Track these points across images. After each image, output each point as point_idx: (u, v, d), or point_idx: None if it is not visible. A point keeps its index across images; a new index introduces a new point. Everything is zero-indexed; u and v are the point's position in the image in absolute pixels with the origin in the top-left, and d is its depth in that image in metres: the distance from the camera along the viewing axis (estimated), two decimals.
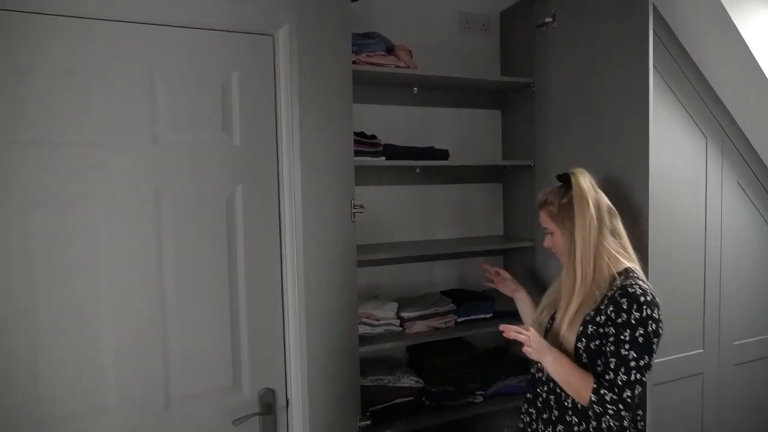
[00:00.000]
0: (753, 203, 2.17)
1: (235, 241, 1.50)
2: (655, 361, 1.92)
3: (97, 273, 1.36)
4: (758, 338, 2.23)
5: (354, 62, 1.80)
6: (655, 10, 1.91)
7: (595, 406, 1.29)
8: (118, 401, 1.39)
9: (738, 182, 2.13)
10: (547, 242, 1.49)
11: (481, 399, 2.09)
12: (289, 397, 1.56)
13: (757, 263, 2.22)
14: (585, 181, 1.42)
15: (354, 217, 1.59)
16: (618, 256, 1.39)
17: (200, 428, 1.48)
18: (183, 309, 1.45)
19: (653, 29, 1.93)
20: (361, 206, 1.61)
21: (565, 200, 1.43)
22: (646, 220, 1.58)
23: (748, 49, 1.81)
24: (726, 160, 2.09)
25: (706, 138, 2.04)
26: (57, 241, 1.32)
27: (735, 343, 2.16)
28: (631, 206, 1.63)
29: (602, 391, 1.27)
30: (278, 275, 1.55)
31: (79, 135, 1.34)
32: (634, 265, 1.40)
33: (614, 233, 1.42)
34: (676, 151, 1.98)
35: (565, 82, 1.93)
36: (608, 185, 1.72)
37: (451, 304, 2.07)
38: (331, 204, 1.48)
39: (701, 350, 2.07)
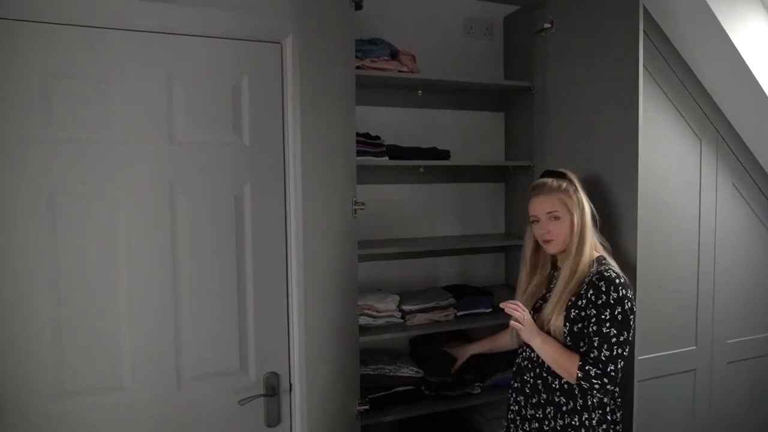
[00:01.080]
0: (748, 204, 2.21)
1: (244, 235, 1.62)
2: (648, 356, 2.00)
3: (117, 260, 1.49)
4: (752, 337, 2.26)
5: (359, 67, 1.90)
6: (649, 15, 1.97)
7: (582, 382, 1.40)
8: (135, 379, 1.52)
9: (733, 183, 2.17)
10: (550, 228, 1.53)
11: (479, 390, 2.16)
12: (291, 381, 1.66)
13: (752, 263, 2.26)
14: (575, 176, 1.59)
15: (355, 213, 1.68)
16: (597, 244, 1.54)
17: (209, 407, 1.60)
18: (194, 297, 1.57)
19: (646, 33, 2.01)
20: (363, 203, 1.70)
21: (573, 188, 1.55)
22: (635, 219, 1.64)
23: (740, 55, 1.86)
24: (721, 161, 2.14)
25: (700, 140, 2.08)
26: (80, 230, 1.46)
27: (728, 341, 2.20)
28: (622, 206, 1.70)
29: (587, 368, 1.39)
30: (284, 267, 1.66)
31: (102, 134, 1.47)
32: (605, 254, 1.55)
33: (596, 224, 1.56)
34: (670, 153, 2.03)
35: (561, 85, 2.00)
36: (599, 186, 1.79)
37: (451, 299, 2.15)
38: (332, 201, 1.58)
39: (694, 347, 2.12)
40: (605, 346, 1.39)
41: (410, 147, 2.09)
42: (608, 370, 1.38)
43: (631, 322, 1.42)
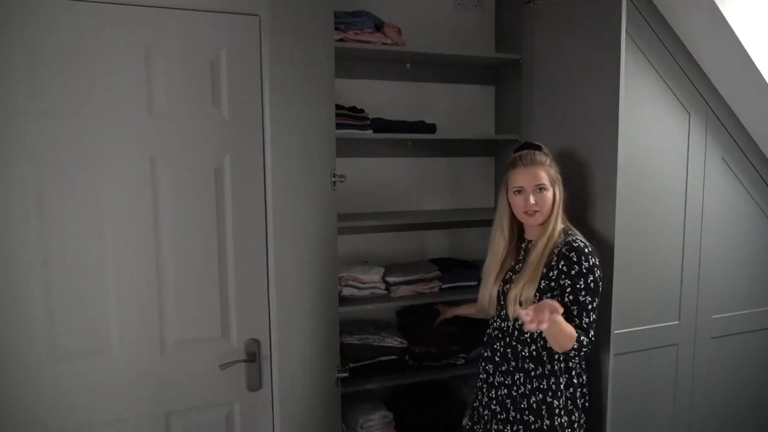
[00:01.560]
0: (738, 178, 2.18)
1: (224, 205, 1.66)
2: (626, 330, 2.02)
3: (102, 228, 1.54)
4: (738, 313, 2.25)
5: (342, 39, 1.91)
6: None
7: (573, 351, 1.44)
8: (121, 343, 1.58)
9: (723, 158, 2.13)
10: (537, 199, 1.54)
11: (463, 361, 2.21)
12: (271, 347, 1.72)
13: (741, 238, 2.23)
14: None
15: (335, 185, 1.71)
16: (563, 216, 1.59)
17: (192, 371, 1.66)
18: (176, 265, 1.61)
19: (635, 6, 1.97)
20: (342, 176, 1.72)
21: (553, 161, 1.60)
22: (614, 193, 1.64)
23: (731, 28, 1.81)
24: (710, 135, 2.10)
25: (689, 114, 2.05)
26: (67, 200, 1.50)
27: (714, 316, 2.20)
28: (602, 179, 1.70)
29: (581, 338, 1.45)
30: (263, 237, 1.70)
31: (84, 106, 1.50)
32: (570, 224, 1.60)
33: None
34: (656, 126, 2.00)
35: (548, 58, 1.98)
36: (582, 158, 1.79)
37: (437, 271, 2.18)
38: (309, 173, 1.60)
39: (677, 322, 2.13)
40: (584, 314, 1.46)
41: (396, 120, 2.10)
42: (590, 336, 1.46)
43: (600, 288, 1.49)
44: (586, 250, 1.48)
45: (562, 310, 1.35)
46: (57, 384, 1.53)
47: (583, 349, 1.45)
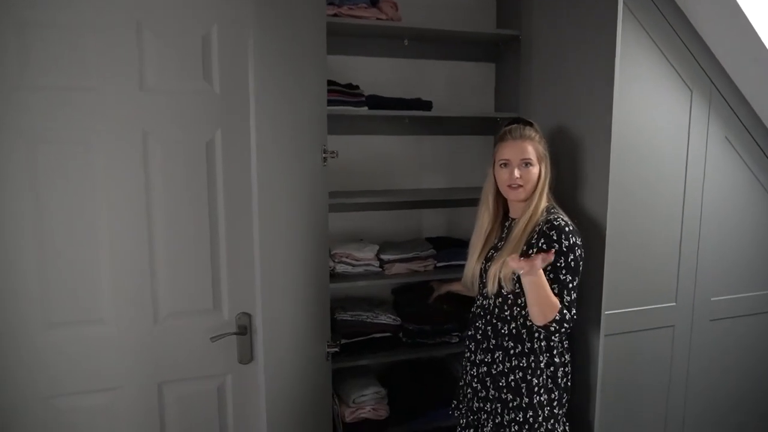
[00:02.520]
0: (742, 158, 2.12)
1: (215, 179, 1.67)
2: (620, 311, 2.00)
3: (95, 202, 1.57)
4: (738, 295, 2.21)
5: (336, 15, 1.89)
6: None
7: (554, 325, 1.42)
8: (114, 313, 1.62)
9: (726, 137, 2.07)
10: (522, 173, 1.53)
11: (457, 339, 2.22)
12: (254, 320, 1.74)
13: (743, 219, 2.18)
14: None
15: (325, 162, 1.71)
16: (548, 194, 1.58)
17: (184, 342, 1.69)
18: (168, 238, 1.64)
19: None
20: (334, 152, 1.72)
21: (542, 138, 1.59)
22: (607, 171, 1.62)
23: (735, 1, 1.75)
24: (714, 113, 2.04)
25: (691, 91, 1.99)
26: (59, 174, 1.53)
27: (713, 298, 2.16)
28: (596, 157, 1.67)
29: (564, 311, 1.44)
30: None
31: (76, 81, 1.52)
32: (554, 202, 1.59)
33: None
34: (656, 104, 1.94)
35: (547, 33, 1.94)
36: (577, 137, 1.76)
37: (432, 249, 2.18)
38: (297, 148, 1.61)
39: (674, 303, 2.10)
40: (565, 292, 1.45)
41: (391, 97, 2.09)
42: (572, 313, 1.46)
43: (581, 268, 1.48)
44: (567, 228, 1.47)
45: (552, 257, 1.35)
46: (50, 351, 1.57)
47: (565, 324, 1.44)
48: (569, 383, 1.60)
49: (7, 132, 1.47)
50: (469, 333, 1.69)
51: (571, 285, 1.46)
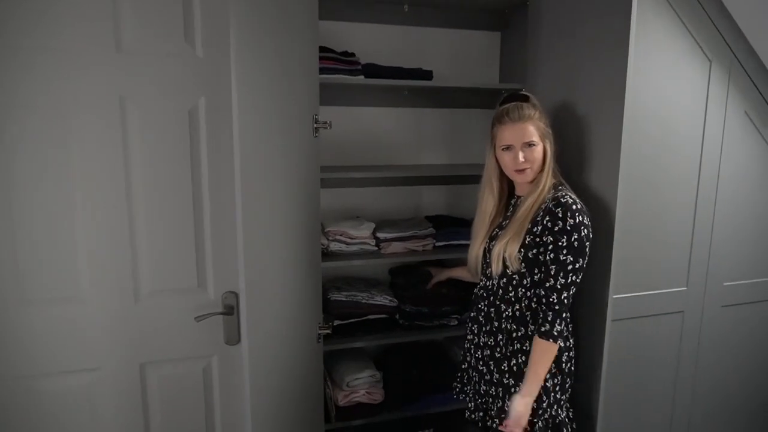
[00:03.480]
0: (762, 136, 1.98)
1: (199, 151, 1.57)
2: (627, 295, 1.90)
3: (70, 173, 1.47)
4: (753, 281, 2.10)
5: None
6: None
7: (560, 341, 1.41)
8: (92, 291, 1.53)
9: (746, 112, 1.94)
10: (527, 156, 1.46)
11: (456, 322, 2.13)
12: (239, 299, 1.65)
13: (761, 201, 2.05)
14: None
15: (317, 132, 1.60)
16: (555, 170, 1.50)
17: (168, 322, 1.61)
18: (149, 211, 1.54)
19: None
20: (326, 123, 1.61)
21: (542, 114, 1.48)
22: (618, 147, 1.51)
23: None
24: (733, 87, 1.90)
25: (710, 61, 1.85)
26: (34, 142, 1.43)
27: (725, 283, 2.06)
28: (608, 132, 1.56)
29: (548, 320, 1.39)
30: None
31: (45, 40, 1.41)
32: (561, 179, 1.51)
33: None
34: (671, 75, 1.81)
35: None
36: (587, 111, 1.65)
37: (431, 228, 2.08)
38: (284, 117, 1.50)
39: (684, 288, 1.99)
40: (561, 274, 1.38)
41: (390, 66, 1.97)
42: (562, 297, 1.39)
43: (587, 249, 1.39)
44: (574, 207, 1.38)
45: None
46: (24, 329, 1.49)
47: (555, 316, 1.40)
48: (572, 368, 1.52)
49: None
50: (471, 315, 1.62)
51: (570, 267, 1.37)
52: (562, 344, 1.46)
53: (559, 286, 1.38)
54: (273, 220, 1.53)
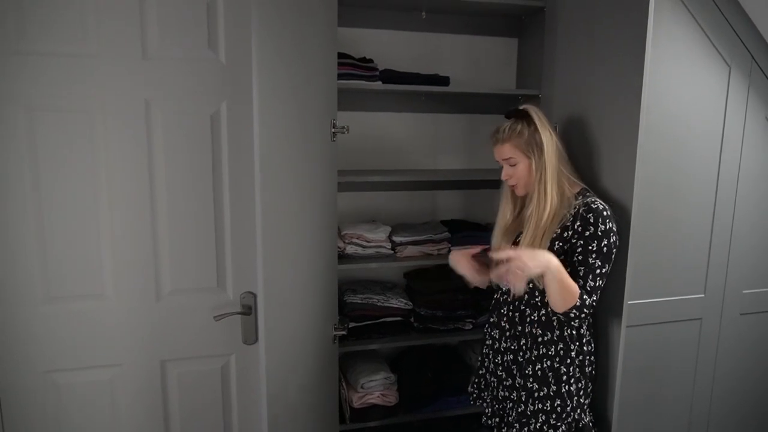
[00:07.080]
0: None
1: (220, 154, 1.61)
2: (643, 302, 1.89)
3: (96, 175, 1.52)
4: None
5: None
6: None
7: (574, 311, 1.38)
8: (115, 290, 1.58)
9: (766, 117, 1.92)
10: (510, 173, 1.52)
11: (471, 326, 2.14)
12: (257, 300, 1.68)
13: None
14: (540, 111, 1.51)
15: (335, 137, 1.63)
16: (572, 178, 1.51)
17: (188, 320, 1.65)
18: (171, 212, 1.59)
19: None
20: (344, 127, 1.64)
21: (532, 128, 1.48)
22: (634, 153, 1.51)
23: None
24: (753, 92, 1.88)
25: (729, 67, 1.84)
26: (61, 144, 1.49)
27: (744, 291, 2.03)
28: (624, 138, 1.55)
29: (584, 297, 1.38)
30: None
31: (77, 48, 1.46)
32: (586, 186, 1.53)
33: (565, 159, 1.52)
34: (689, 80, 1.80)
35: (574, 4, 1.81)
36: (603, 116, 1.65)
37: (446, 233, 2.10)
38: (303, 122, 1.53)
39: (702, 295, 1.98)
40: (590, 276, 1.40)
41: (407, 72, 1.99)
42: (592, 299, 1.40)
43: (613, 256, 1.42)
44: (605, 212, 1.41)
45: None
46: (50, 325, 1.55)
47: (584, 310, 1.39)
48: (594, 372, 1.55)
49: (3, 99, 1.43)
50: (492, 320, 1.64)
51: (598, 270, 1.40)
52: (584, 332, 1.48)
53: (589, 288, 1.39)
54: (291, 222, 1.56)
